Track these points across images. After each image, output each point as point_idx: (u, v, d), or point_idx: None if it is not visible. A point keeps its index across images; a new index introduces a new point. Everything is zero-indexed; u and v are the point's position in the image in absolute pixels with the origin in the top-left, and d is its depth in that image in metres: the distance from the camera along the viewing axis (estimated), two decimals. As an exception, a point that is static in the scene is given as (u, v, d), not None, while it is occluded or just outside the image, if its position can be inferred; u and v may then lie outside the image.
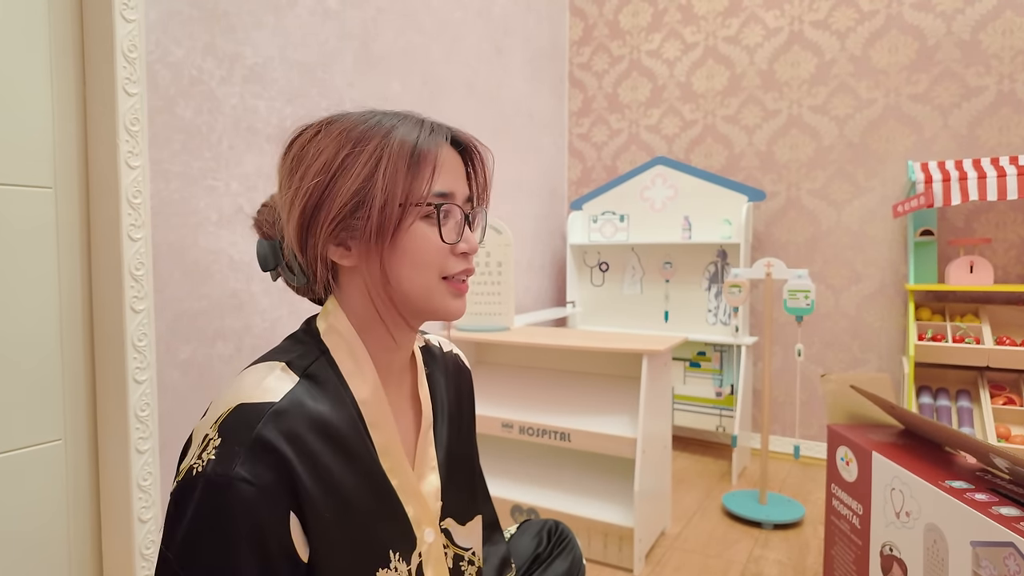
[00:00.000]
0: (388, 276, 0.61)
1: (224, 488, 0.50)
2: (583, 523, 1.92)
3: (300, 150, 0.62)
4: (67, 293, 1.36)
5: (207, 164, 1.58)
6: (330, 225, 0.59)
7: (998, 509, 0.96)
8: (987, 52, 2.50)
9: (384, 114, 0.63)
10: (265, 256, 0.66)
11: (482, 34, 2.75)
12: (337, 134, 0.60)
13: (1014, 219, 2.49)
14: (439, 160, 0.61)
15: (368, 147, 0.59)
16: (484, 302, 2.31)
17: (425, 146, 0.61)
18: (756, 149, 3.01)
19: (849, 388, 1.45)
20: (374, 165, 0.59)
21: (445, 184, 0.62)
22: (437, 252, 0.62)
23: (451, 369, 0.80)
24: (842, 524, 1.39)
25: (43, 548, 1.33)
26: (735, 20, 3.03)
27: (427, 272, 0.61)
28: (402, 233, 0.60)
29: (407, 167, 0.59)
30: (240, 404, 0.54)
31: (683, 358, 3.07)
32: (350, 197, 0.58)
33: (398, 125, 0.61)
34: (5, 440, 1.26)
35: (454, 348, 0.86)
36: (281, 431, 0.53)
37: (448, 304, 0.64)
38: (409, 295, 0.62)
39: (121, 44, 1.34)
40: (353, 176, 0.58)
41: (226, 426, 0.53)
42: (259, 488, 0.50)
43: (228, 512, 0.50)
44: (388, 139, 0.60)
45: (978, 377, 2.44)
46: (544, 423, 2.02)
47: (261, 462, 0.51)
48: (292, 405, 0.55)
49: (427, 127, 0.62)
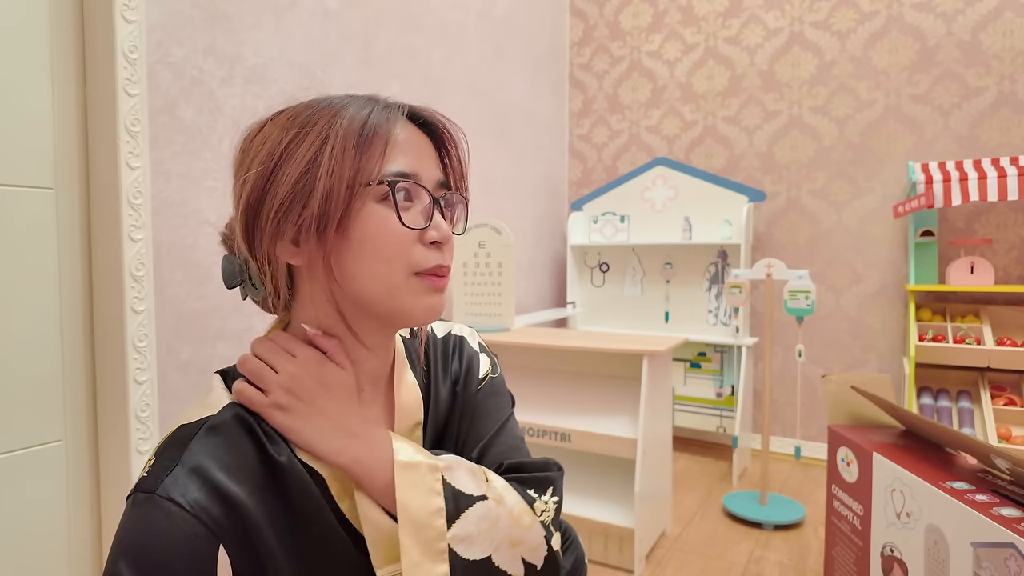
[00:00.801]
0: (336, 272, 0.53)
1: (142, 504, 0.46)
2: (583, 524, 1.92)
3: (248, 143, 0.56)
4: (68, 294, 1.36)
5: (208, 165, 1.58)
6: (274, 218, 0.52)
7: (999, 510, 0.96)
8: (987, 53, 2.50)
9: (335, 96, 0.56)
10: (230, 272, 0.59)
11: (483, 35, 2.76)
12: (284, 120, 0.55)
13: (1015, 220, 2.49)
14: (393, 137, 0.54)
15: (315, 129, 0.53)
16: (484, 303, 2.31)
17: (376, 121, 0.53)
18: (756, 150, 3.01)
19: (850, 389, 1.45)
20: (319, 146, 0.52)
21: (405, 164, 0.54)
22: (399, 240, 0.53)
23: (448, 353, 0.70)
24: (843, 525, 1.39)
25: (43, 549, 1.33)
26: (735, 21, 3.03)
27: (389, 265, 0.53)
28: (352, 218, 0.52)
29: (355, 145, 0.52)
30: (180, 425, 0.52)
31: (684, 359, 3.07)
32: (293, 184, 0.52)
33: (348, 104, 0.55)
34: (5, 441, 1.26)
35: (454, 328, 0.73)
36: (212, 444, 0.49)
37: (420, 301, 0.55)
38: (367, 295, 0.54)
39: (122, 45, 1.34)
40: (296, 161, 0.52)
41: (162, 446, 0.50)
42: (185, 508, 0.46)
43: (139, 529, 0.45)
44: (336, 119, 0.53)
45: (979, 378, 2.44)
46: (544, 424, 2.02)
47: (191, 481, 0.47)
48: (226, 416, 0.52)
49: (380, 104, 0.56)
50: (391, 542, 0.54)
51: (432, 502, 0.54)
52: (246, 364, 0.55)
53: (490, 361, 0.72)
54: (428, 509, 0.53)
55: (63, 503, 1.36)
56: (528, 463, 0.65)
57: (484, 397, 0.69)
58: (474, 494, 0.56)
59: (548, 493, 0.63)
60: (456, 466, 0.57)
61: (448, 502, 0.54)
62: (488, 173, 2.84)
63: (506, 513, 0.57)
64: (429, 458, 0.56)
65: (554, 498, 0.63)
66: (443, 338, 0.71)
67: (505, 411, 0.70)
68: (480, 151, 2.77)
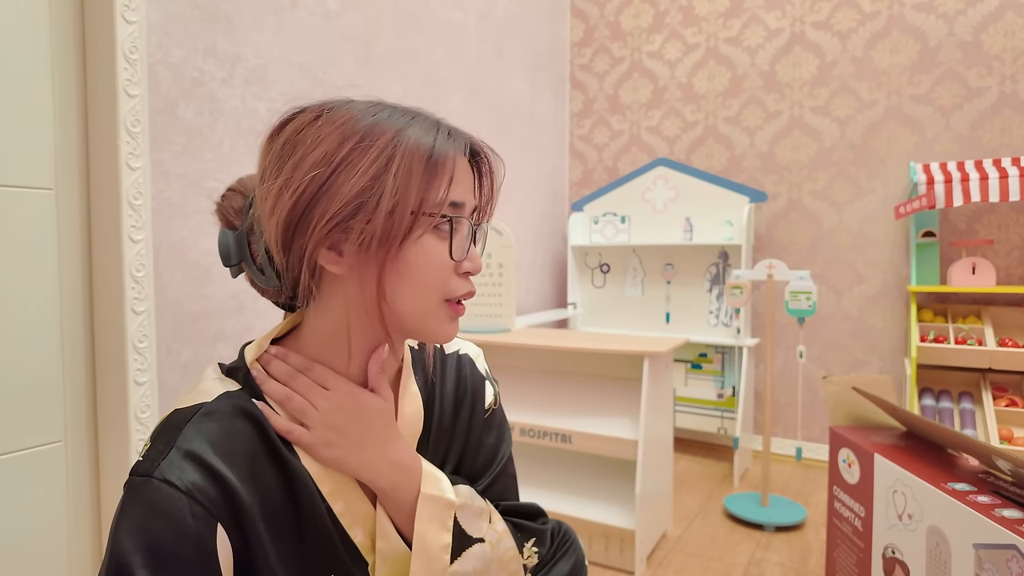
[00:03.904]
0: (384, 290, 0.54)
1: (140, 488, 0.47)
2: (584, 525, 1.91)
3: (294, 135, 0.53)
4: (68, 294, 1.36)
5: (208, 165, 1.58)
6: (326, 225, 0.51)
7: (1000, 511, 0.95)
8: (989, 53, 2.50)
9: (394, 108, 0.55)
10: (228, 248, 0.58)
11: (483, 35, 2.76)
12: (342, 122, 0.52)
13: (1016, 220, 2.48)
14: (456, 168, 0.55)
15: (379, 142, 0.51)
16: (485, 303, 2.31)
17: (443, 150, 0.54)
18: (758, 150, 3.01)
19: (851, 390, 1.44)
20: (384, 163, 0.51)
21: (459, 195, 0.55)
22: (441, 270, 0.55)
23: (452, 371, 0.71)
24: (844, 526, 1.38)
25: (43, 549, 1.33)
26: (736, 21, 3.03)
27: (428, 292, 0.55)
28: (409, 244, 0.53)
29: (423, 170, 0.52)
30: (175, 410, 0.53)
31: (685, 360, 3.06)
32: (354, 196, 0.51)
33: (412, 123, 0.54)
34: (5, 441, 1.26)
35: (462, 347, 0.74)
36: (206, 429, 0.50)
37: (444, 328, 0.58)
38: (404, 314, 0.55)
39: (122, 45, 1.34)
40: (359, 172, 0.51)
41: (157, 431, 0.52)
42: (181, 490, 0.46)
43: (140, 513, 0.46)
44: (402, 137, 0.52)
45: (980, 379, 2.43)
46: (545, 425, 2.02)
47: (186, 463, 0.48)
48: (222, 404, 0.53)
49: (444, 130, 0.55)
50: (399, 562, 0.58)
51: (443, 537, 0.58)
52: (274, 392, 0.56)
53: (494, 391, 0.74)
54: (439, 543, 0.58)
55: (63, 504, 1.36)
56: (524, 510, 0.70)
57: (487, 429, 0.71)
58: (474, 535, 0.61)
59: (531, 543, 0.68)
60: (468, 504, 0.62)
61: (454, 539, 0.59)
62: (489, 174, 2.84)
63: (497, 558, 0.63)
64: (448, 492, 0.60)
65: (535, 549, 0.69)
66: (452, 354, 0.72)
67: (506, 449, 0.73)
68: (481, 152, 2.77)
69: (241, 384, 0.56)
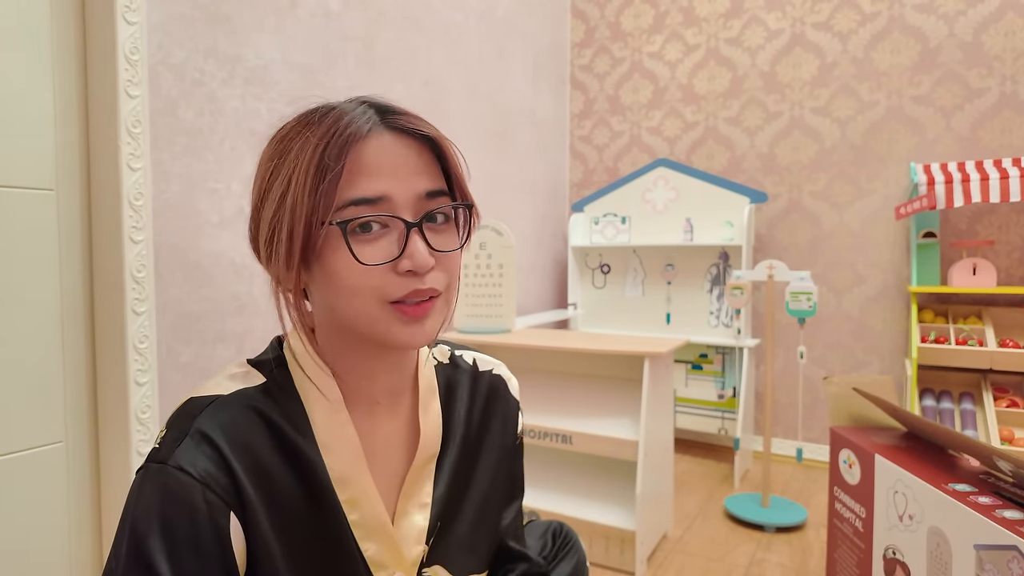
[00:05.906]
0: (325, 302, 0.53)
1: (156, 474, 0.48)
2: (584, 526, 1.91)
3: (260, 158, 0.56)
4: (68, 295, 1.36)
5: (209, 166, 1.58)
6: (265, 251, 0.53)
7: (1001, 512, 0.95)
8: (989, 54, 2.50)
9: (321, 109, 0.53)
10: None
11: (484, 36, 2.76)
12: (273, 145, 0.53)
13: (1017, 221, 2.48)
14: (360, 159, 0.50)
15: (287, 160, 0.50)
16: (485, 304, 2.31)
17: (337, 145, 0.49)
18: (758, 151, 3.01)
19: (852, 390, 1.44)
20: (286, 183, 0.50)
21: (371, 188, 0.50)
22: (362, 275, 0.50)
23: (483, 392, 0.68)
24: (845, 527, 1.38)
25: (44, 550, 1.33)
26: (737, 22, 3.03)
27: (359, 298, 0.50)
28: (315, 255, 0.51)
29: (314, 179, 0.48)
30: (190, 398, 0.53)
31: (685, 360, 3.06)
32: (269, 222, 0.51)
33: (322, 121, 0.51)
34: (6, 442, 1.26)
35: (496, 367, 0.72)
36: (219, 420, 0.51)
37: (397, 333, 0.52)
38: (352, 322, 0.52)
39: (123, 46, 1.34)
40: (272, 199, 0.51)
41: (172, 418, 0.52)
42: (195, 478, 0.47)
43: (157, 499, 0.47)
44: (305, 145, 0.50)
45: (981, 380, 2.43)
46: (545, 426, 2.02)
47: (200, 451, 0.49)
48: (238, 397, 0.53)
49: (348, 119, 0.50)
50: None
51: None
52: None
53: (521, 419, 0.74)
54: None
55: (64, 504, 1.36)
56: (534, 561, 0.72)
57: (516, 457, 0.72)
58: None
59: None
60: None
61: None
62: (489, 174, 2.84)
63: None
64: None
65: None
66: (485, 372, 0.71)
67: (523, 482, 0.75)
68: (481, 152, 2.77)
69: (266, 377, 0.56)
